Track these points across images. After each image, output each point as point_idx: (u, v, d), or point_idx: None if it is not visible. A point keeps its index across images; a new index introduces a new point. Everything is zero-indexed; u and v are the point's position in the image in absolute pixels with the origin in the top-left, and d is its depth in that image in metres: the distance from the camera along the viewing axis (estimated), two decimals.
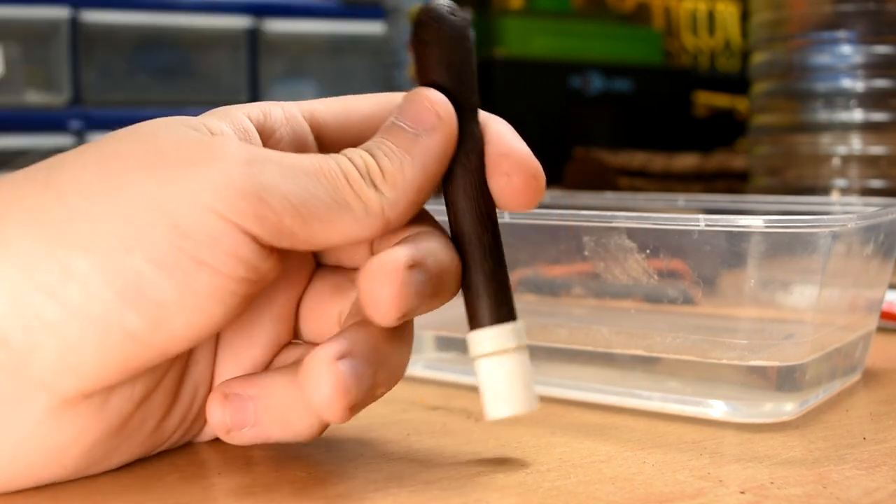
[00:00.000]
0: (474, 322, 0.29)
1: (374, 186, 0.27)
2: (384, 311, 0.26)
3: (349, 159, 0.27)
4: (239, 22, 1.31)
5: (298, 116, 0.30)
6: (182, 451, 0.32)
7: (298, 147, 0.30)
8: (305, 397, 0.27)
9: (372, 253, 0.31)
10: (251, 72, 1.31)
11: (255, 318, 0.31)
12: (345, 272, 0.32)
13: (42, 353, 0.25)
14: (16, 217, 0.25)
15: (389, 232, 0.28)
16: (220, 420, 0.29)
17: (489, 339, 0.29)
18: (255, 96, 1.31)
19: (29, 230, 0.25)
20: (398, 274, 0.26)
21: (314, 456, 0.31)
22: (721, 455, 0.32)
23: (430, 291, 0.27)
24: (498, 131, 0.30)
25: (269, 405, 0.29)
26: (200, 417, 0.31)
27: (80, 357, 0.25)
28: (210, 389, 0.31)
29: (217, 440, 0.33)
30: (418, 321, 0.31)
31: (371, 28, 1.37)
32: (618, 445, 0.33)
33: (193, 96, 1.30)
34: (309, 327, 0.32)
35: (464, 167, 0.29)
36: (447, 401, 0.39)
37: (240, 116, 0.29)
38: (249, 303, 0.27)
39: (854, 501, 0.27)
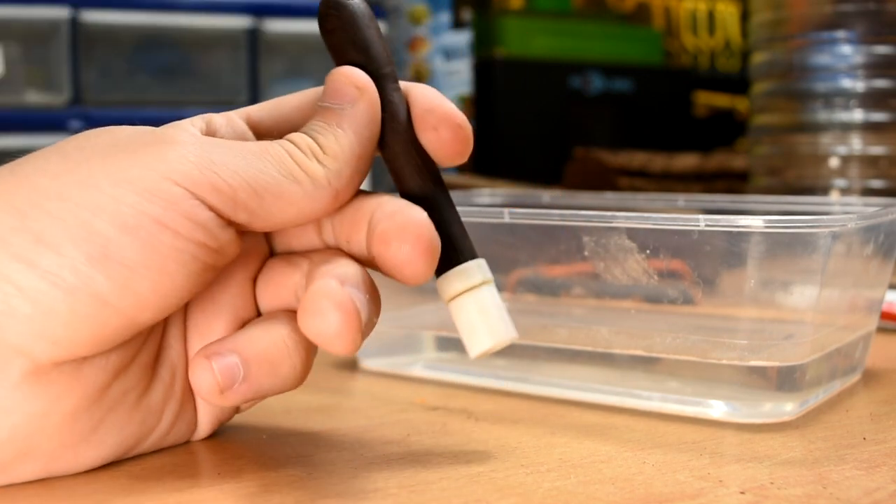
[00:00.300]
0: (438, 269, 0.30)
1: (317, 161, 0.29)
2: (341, 345, 0.28)
3: (290, 141, 0.30)
4: (239, 22, 1.31)
5: (236, 119, 0.32)
6: (181, 451, 0.32)
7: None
8: (312, 331, 0.28)
9: (320, 238, 0.32)
10: (251, 72, 1.31)
11: (217, 296, 0.32)
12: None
13: (17, 318, 0.26)
14: None
15: (339, 203, 0.30)
16: (210, 381, 0.29)
17: (455, 279, 0.30)
18: (255, 96, 1.31)
19: (0, 210, 0.27)
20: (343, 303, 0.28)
21: (314, 456, 0.31)
22: (721, 455, 0.32)
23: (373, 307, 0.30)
24: (421, 93, 0.32)
25: (253, 355, 0.30)
26: (187, 402, 0.32)
27: (53, 322, 0.26)
28: (186, 369, 0.31)
29: (216, 441, 0.33)
30: (418, 322, 0.31)
31: None
32: (618, 446, 0.33)
33: (193, 96, 1.30)
34: (267, 301, 0.33)
35: (393, 130, 0.31)
36: (447, 401, 0.39)
37: (185, 124, 0.31)
38: (212, 276, 0.29)
39: (854, 502, 0.27)
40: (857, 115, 0.77)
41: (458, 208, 0.32)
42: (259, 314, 0.32)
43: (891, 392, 0.40)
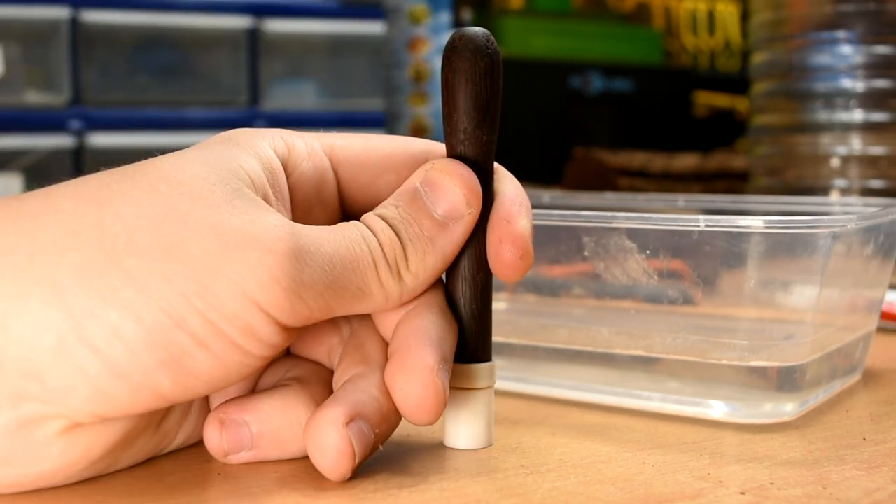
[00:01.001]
0: (458, 356, 0.31)
1: (399, 275, 0.29)
2: (332, 468, 0.28)
3: (379, 243, 0.28)
4: (239, 22, 1.31)
5: (319, 151, 0.31)
6: (181, 452, 0.32)
7: (318, 181, 0.31)
8: (309, 453, 0.28)
9: None
10: (251, 72, 1.31)
11: None
12: None
13: (75, 396, 0.25)
14: (70, 261, 0.25)
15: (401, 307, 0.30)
16: (218, 445, 0.30)
17: (464, 373, 0.31)
18: (255, 96, 1.31)
19: (82, 280, 0.25)
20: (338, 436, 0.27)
21: None
22: (721, 455, 0.32)
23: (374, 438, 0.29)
24: (506, 191, 0.30)
25: (265, 429, 0.30)
26: (199, 423, 0.31)
27: (109, 405, 0.26)
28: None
29: None
30: None
31: (371, 28, 1.37)
32: (618, 446, 0.33)
33: (193, 96, 1.30)
34: (300, 351, 0.33)
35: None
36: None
37: (267, 152, 0.29)
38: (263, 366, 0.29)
39: (854, 502, 0.27)
40: (857, 115, 0.77)
41: None
42: (287, 353, 0.33)
43: (891, 392, 0.40)
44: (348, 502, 0.27)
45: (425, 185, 0.29)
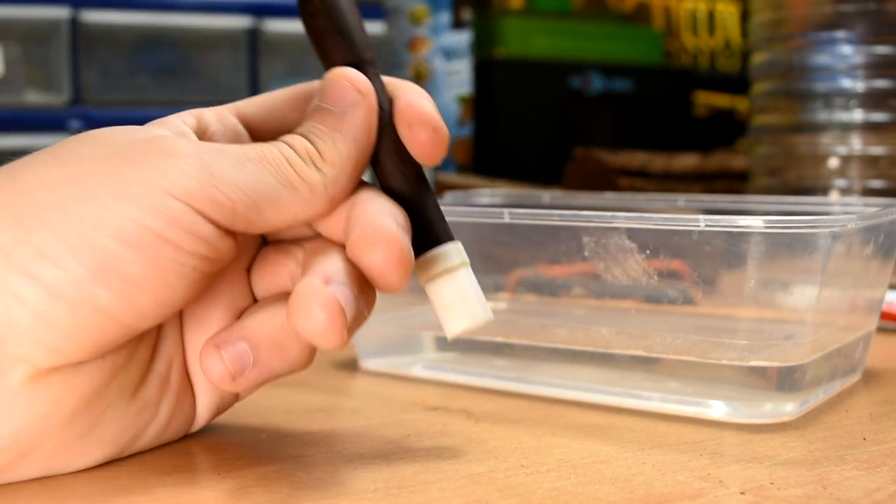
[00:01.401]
0: (416, 251, 0.31)
1: (315, 167, 0.30)
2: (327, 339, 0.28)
3: (289, 145, 0.30)
4: (239, 22, 1.31)
5: (228, 115, 0.32)
6: (181, 451, 0.32)
7: (232, 140, 0.32)
8: (300, 329, 0.28)
9: (312, 230, 0.32)
10: (251, 72, 1.31)
11: (213, 287, 0.32)
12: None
13: (19, 329, 0.26)
14: None
15: (334, 207, 0.30)
16: (221, 369, 0.30)
17: (433, 261, 0.31)
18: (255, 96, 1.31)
19: (2, 222, 0.27)
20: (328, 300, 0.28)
21: (314, 456, 0.31)
22: (721, 455, 0.32)
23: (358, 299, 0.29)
24: (404, 88, 0.32)
25: (262, 340, 0.30)
26: (185, 393, 0.32)
27: (55, 332, 0.27)
28: (184, 360, 0.32)
29: (216, 441, 0.33)
30: (418, 322, 0.31)
31: (371, 28, 1.37)
32: (618, 446, 0.33)
33: (193, 96, 1.30)
34: (264, 289, 0.33)
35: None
36: (447, 401, 0.39)
37: (177, 122, 0.31)
38: (210, 280, 0.29)
39: (854, 502, 0.27)
40: (857, 115, 0.77)
41: (458, 208, 0.32)
42: (255, 301, 0.33)
43: (891, 392, 0.40)
44: (348, 502, 0.27)
45: (319, 95, 0.31)
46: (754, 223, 0.34)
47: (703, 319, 0.40)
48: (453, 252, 0.31)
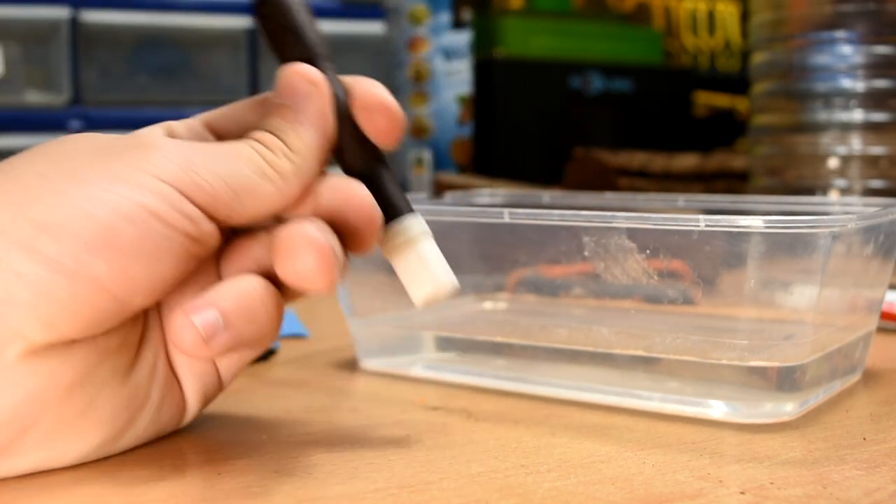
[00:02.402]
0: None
1: (286, 158, 0.31)
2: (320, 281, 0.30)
3: (257, 140, 0.31)
4: (239, 22, 1.31)
5: (196, 124, 0.34)
6: (182, 451, 0.32)
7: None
8: (290, 271, 0.30)
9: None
10: (251, 72, 1.31)
11: (186, 277, 0.33)
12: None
13: (15, 303, 0.27)
14: None
15: (304, 192, 0.32)
16: (193, 334, 0.30)
17: (394, 232, 0.32)
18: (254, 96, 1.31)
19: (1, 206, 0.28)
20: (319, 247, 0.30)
21: (314, 456, 0.31)
22: (721, 455, 0.32)
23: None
24: (358, 79, 0.34)
25: (230, 305, 0.30)
26: (172, 381, 0.32)
27: (51, 306, 0.27)
28: (166, 349, 0.33)
29: (216, 441, 0.33)
30: (418, 322, 0.31)
31: (371, 28, 1.37)
32: (618, 446, 0.33)
33: (193, 96, 1.30)
34: (229, 273, 0.33)
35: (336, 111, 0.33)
36: (447, 401, 0.39)
37: (149, 129, 0.32)
38: (195, 265, 0.31)
39: (854, 502, 0.27)
40: (857, 115, 0.77)
41: (458, 208, 0.32)
42: None
43: (891, 392, 0.40)
44: (349, 502, 0.27)
45: (276, 93, 0.33)
46: (754, 223, 0.34)
47: (703, 319, 0.40)
48: (414, 224, 0.33)
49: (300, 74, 0.32)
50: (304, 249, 0.30)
